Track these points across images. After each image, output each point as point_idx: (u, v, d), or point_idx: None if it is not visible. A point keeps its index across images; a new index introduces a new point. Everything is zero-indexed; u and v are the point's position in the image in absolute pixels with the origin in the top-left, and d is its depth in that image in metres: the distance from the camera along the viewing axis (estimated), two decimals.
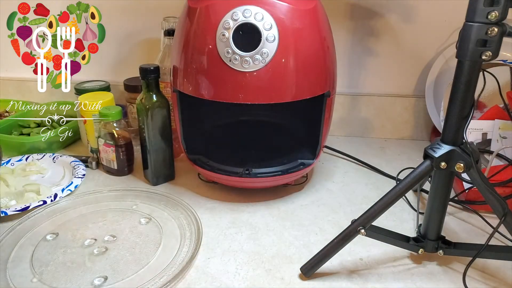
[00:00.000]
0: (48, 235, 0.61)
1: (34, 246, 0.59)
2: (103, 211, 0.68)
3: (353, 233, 0.53)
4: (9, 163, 0.80)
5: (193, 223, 0.64)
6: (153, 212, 0.67)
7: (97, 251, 0.58)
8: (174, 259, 0.56)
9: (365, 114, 0.99)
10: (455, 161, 0.49)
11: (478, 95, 0.79)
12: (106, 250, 0.58)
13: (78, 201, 0.70)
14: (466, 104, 0.47)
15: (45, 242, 0.60)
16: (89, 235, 0.62)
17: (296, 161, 0.73)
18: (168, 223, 0.64)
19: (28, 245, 0.59)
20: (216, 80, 0.61)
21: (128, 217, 0.66)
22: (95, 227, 0.63)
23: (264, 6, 0.58)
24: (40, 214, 0.66)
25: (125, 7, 0.97)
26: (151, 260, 0.56)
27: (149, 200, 0.71)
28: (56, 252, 0.58)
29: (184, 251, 0.58)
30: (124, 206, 0.69)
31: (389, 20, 0.91)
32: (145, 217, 0.66)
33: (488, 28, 0.42)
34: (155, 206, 0.69)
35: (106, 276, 0.53)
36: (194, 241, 0.59)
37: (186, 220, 0.65)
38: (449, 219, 0.68)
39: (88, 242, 0.60)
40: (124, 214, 0.67)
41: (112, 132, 0.77)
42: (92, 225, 0.64)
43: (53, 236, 0.61)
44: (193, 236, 0.61)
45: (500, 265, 0.57)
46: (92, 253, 0.58)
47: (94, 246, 0.59)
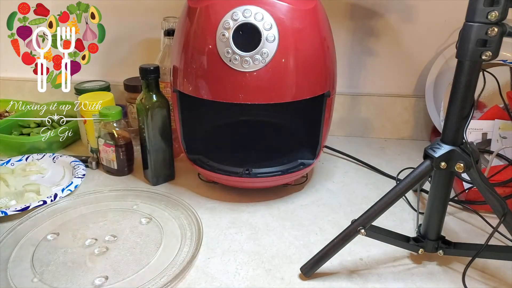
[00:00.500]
0: (49, 235, 0.61)
1: (35, 246, 0.59)
2: (104, 211, 0.68)
3: (353, 233, 0.53)
4: (9, 163, 0.80)
5: (194, 223, 0.64)
6: (153, 212, 0.67)
7: (97, 251, 0.58)
8: (175, 259, 0.56)
9: (365, 114, 0.99)
10: (455, 161, 0.49)
11: (478, 95, 0.79)
12: (106, 250, 0.58)
13: (78, 201, 0.70)
14: (466, 104, 0.47)
15: (46, 242, 0.60)
16: (89, 235, 0.62)
17: (296, 161, 0.73)
18: (169, 223, 0.64)
19: (29, 245, 0.59)
20: (216, 80, 0.61)
21: (129, 217, 0.66)
22: (96, 227, 0.63)
23: (264, 6, 0.58)
24: (40, 214, 0.65)
25: (125, 7, 0.97)
26: (151, 260, 0.56)
27: (150, 200, 0.71)
28: (57, 252, 0.58)
29: (184, 251, 0.58)
30: (124, 206, 0.69)
31: (389, 20, 0.91)
32: (146, 217, 0.66)
33: (488, 28, 0.42)
34: (156, 206, 0.69)
35: (107, 276, 0.53)
36: (195, 241, 0.59)
37: (187, 220, 0.65)
38: (449, 219, 0.68)
39: (88, 242, 0.60)
40: (125, 214, 0.67)
41: (112, 132, 0.77)
42: (92, 225, 0.64)
43: (54, 236, 0.61)
44: (194, 236, 0.61)
45: (500, 265, 0.57)
46: (92, 253, 0.58)
47: (95, 246, 0.59)
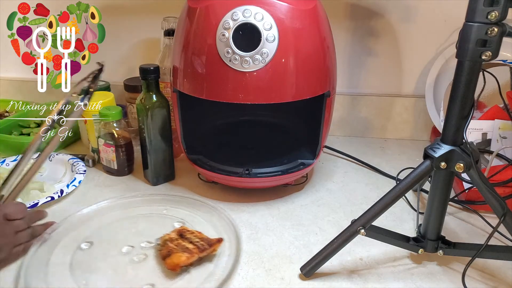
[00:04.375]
0: (82, 244, 0.58)
1: (71, 255, 0.56)
2: (133, 217, 0.65)
3: (353, 233, 0.53)
4: (4, 163, 0.80)
5: (229, 226, 0.61)
6: (186, 216, 0.65)
7: (137, 258, 0.56)
8: (217, 264, 0.54)
9: (365, 114, 0.99)
10: (455, 161, 0.49)
11: (478, 95, 0.79)
12: (146, 257, 0.56)
13: (104, 209, 0.66)
14: (466, 104, 0.47)
15: (81, 251, 0.57)
16: (124, 242, 0.59)
17: (296, 161, 0.73)
18: (203, 227, 0.62)
19: (63, 255, 0.56)
20: (216, 80, 0.61)
21: (161, 222, 0.64)
22: (129, 234, 0.61)
23: (264, 6, 0.58)
24: (68, 223, 0.62)
25: (125, 7, 0.97)
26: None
27: (177, 204, 0.68)
28: (95, 261, 0.55)
29: (226, 254, 0.56)
30: (154, 211, 0.66)
31: (389, 20, 0.91)
32: (179, 221, 0.63)
33: (488, 28, 0.42)
34: (186, 210, 0.66)
35: (153, 284, 0.51)
36: (234, 248, 0.57)
37: (220, 222, 0.62)
38: (449, 219, 0.68)
39: (125, 249, 0.57)
40: (156, 219, 0.65)
41: (112, 132, 0.77)
42: (125, 231, 0.62)
43: (88, 244, 0.58)
44: (232, 240, 0.58)
45: (500, 265, 0.57)
46: (132, 260, 0.56)
47: (133, 253, 0.57)
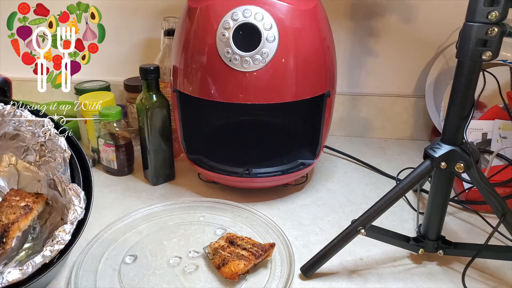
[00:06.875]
0: (126, 258, 0.56)
1: (117, 271, 0.54)
2: (170, 226, 0.63)
3: (353, 233, 0.53)
4: None
5: (273, 230, 0.61)
6: (225, 222, 0.64)
7: (187, 269, 0.54)
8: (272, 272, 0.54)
9: (365, 114, 0.99)
10: (455, 161, 0.49)
11: (478, 95, 0.79)
12: (197, 267, 0.55)
13: (137, 220, 0.65)
14: (466, 104, 0.47)
15: (127, 265, 0.55)
16: (170, 253, 0.57)
17: (296, 161, 0.73)
18: (246, 232, 0.61)
19: (110, 270, 0.54)
20: (216, 80, 0.61)
21: (201, 229, 0.62)
22: (172, 244, 0.59)
23: (264, 6, 0.58)
24: (104, 237, 0.60)
25: (125, 7, 0.96)
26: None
27: (212, 210, 0.67)
28: (145, 275, 0.53)
29: (277, 258, 0.56)
30: (190, 219, 0.65)
31: (389, 20, 0.91)
32: (220, 228, 0.62)
33: (488, 28, 0.42)
34: (223, 216, 0.66)
35: None
36: (284, 251, 0.56)
37: (263, 228, 0.62)
38: (449, 219, 0.68)
39: (173, 261, 0.56)
40: (195, 227, 0.63)
41: (112, 132, 0.77)
42: (166, 242, 0.60)
43: (132, 258, 0.56)
44: (279, 244, 0.58)
45: (499, 265, 0.57)
46: (184, 271, 0.54)
47: (182, 264, 0.55)
